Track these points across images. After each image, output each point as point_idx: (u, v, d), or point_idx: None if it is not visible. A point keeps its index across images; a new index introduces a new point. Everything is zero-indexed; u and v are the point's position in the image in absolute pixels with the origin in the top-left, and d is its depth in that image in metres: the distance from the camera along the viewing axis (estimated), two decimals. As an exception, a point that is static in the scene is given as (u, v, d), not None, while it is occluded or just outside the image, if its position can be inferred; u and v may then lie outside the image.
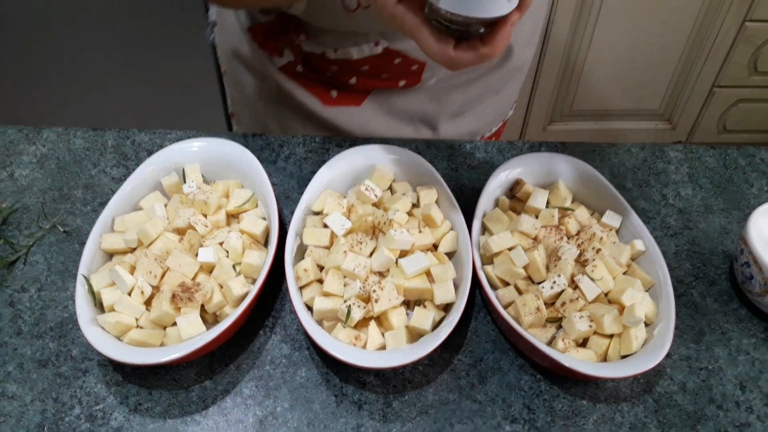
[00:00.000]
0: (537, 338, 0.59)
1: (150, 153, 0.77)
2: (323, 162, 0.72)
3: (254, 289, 0.60)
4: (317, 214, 0.69)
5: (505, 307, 0.62)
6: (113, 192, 0.69)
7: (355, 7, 0.69)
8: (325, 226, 0.66)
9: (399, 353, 0.57)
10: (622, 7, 1.69)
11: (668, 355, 0.63)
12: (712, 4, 1.70)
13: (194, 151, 0.72)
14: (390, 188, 0.72)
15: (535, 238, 0.67)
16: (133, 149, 0.79)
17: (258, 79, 0.85)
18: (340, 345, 0.57)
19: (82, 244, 0.64)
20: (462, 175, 0.79)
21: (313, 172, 0.71)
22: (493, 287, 0.64)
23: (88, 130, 0.81)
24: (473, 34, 0.51)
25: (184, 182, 0.71)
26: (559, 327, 0.61)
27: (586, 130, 2.01)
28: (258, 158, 0.71)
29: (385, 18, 0.52)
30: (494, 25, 0.50)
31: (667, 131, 2.04)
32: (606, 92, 1.90)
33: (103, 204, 0.68)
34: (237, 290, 0.60)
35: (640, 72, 1.86)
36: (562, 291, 0.62)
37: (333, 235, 0.66)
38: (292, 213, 0.68)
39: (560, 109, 1.94)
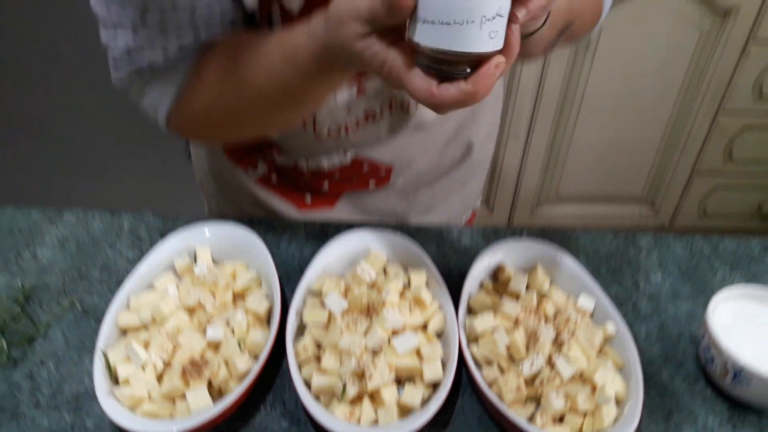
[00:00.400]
0: (518, 414, 0.64)
1: (162, 235, 0.84)
2: (323, 244, 0.79)
3: (257, 366, 0.65)
4: (316, 294, 0.75)
5: (489, 385, 0.67)
6: (128, 272, 0.75)
7: (326, 135, 0.78)
8: (324, 305, 0.72)
9: (390, 429, 0.61)
10: (602, 99, 1.81)
11: (640, 432, 0.68)
12: (687, 97, 1.83)
13: (206, 236, 0.79)
14: (384, 270, 0.79)
15: (516, 320, 0.73)
16: (147, 232, 0.86)
17: (233, 192, 0.93)
18: (336, 421, 0.62)
19: (99, 321, 0.70)
20: (450, 259, 0.86)
21: (314, 253, 0.78)
22: (478, 365, 0.70)
23: (105, 213, 0.89)
24: (458, 75, 0.49)
25: (195, 263, 0.77)
26: (538, 404, 0.66)
27: (572, 214, 2.10)
28: (262, 240, 0.78)
29: (373, 66, 0.50)
30: (479, 66, 0.48)
31: (651, 216, 2.13)
32: (590, 177, 2.00)
33: (119, 283, 0.74)
34: (241, 366, 0.66)
35: (622, 159, 1.97)
36: (541, 370, 0.67)
37: (331, 315, 0.72)
38: (293, 291, 0.74)
39: (547, 193, 2.04)
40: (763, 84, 1.82)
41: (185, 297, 0.72)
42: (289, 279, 0.82)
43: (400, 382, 0.68)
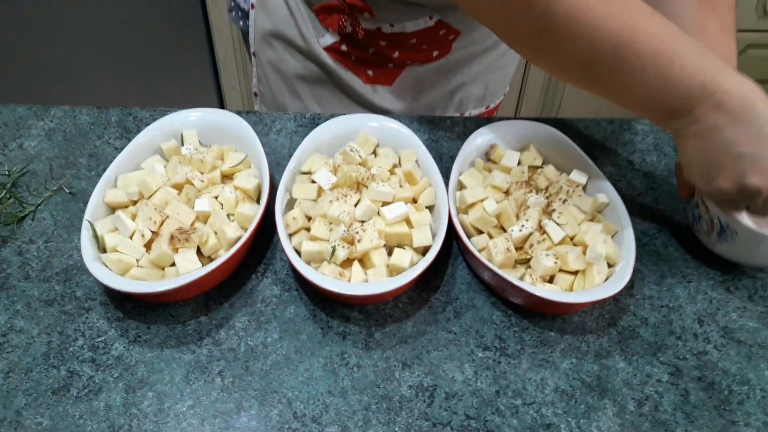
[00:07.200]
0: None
1: (151, 127, 0.82)
2: (312, 131, 0.78)
3: (247, 234, 0.65)
4: (305, 174, 0.74)
5: (479, 251, 0.67)
6: (116, 157, 0.74)
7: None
8: (313, 182, 0.72)
9: (380, 284, 0.61)
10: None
11: (632, 295, 0.67)
12: None
13: (192, 120, 0.78)
14: (374, 152, 0.78)
15: (507, 191, 0.72)
16: (135, 124, 0.85)
17: (300, 59, 0.93)
18: (325, 278, 0.62)
19: (87, 202, 0.69)
20: (442, 145, 0.84)
21: (303, 144, 0.77)
22: (468, 235, 0.69)
23: (93, 108, 0.87)
24: None
25: (182, 146, 0.76)
26: (528, 268, 0.66)
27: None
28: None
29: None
30: None
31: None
32: (592, 99, 1.97)
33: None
34: (231, 234, 0.65)
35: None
36: (530, 234, 0.67)
37: (320, 189, 0.71)
38: (281, 176, 0.73)
39: (547, 116, 2.01)
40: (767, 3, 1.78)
41: (173, 175, 0.71)
42: (278, 165, 0.81)
43: (390, 253, 0.68)
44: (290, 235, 0.67)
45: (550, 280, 0.65)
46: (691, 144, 0.61)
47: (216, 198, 0.70)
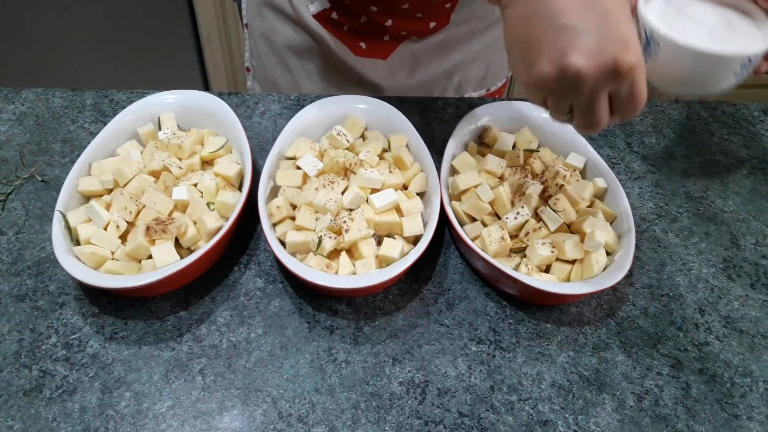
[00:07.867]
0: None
1: (128, 110, 0.78)
2: (297, 114, 0.74)
3: (228, 224, 0.61)
4: (290, 159, 0.71)
5: (472, 239, 0.64)
6: (91, 142, 0.70)
7: None
8: (298, 168, 0.68)
9: (369, 276, 0.58)
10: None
11: (630, 284, 0.65)
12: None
13: (170, 102, 0.74)
14: (362, 136, 0.74)
15: (501, 177, 0.69)
16: (111, 107, 0.81)
17: (290, 29, 0.89)
18: (311, 270, 0.59)
19: (60, 191, 0.66)
20: (434, 127, 0.81)
21: (288, 127, 0.73)
22: (461, 223, 0.66)
23: (67, 91, 0.83)
24: None
25: (160, 130, 0.72)
26: (524, 257, 0.63)
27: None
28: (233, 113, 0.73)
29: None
30: None
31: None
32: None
33: (81, 153, 0.70)
34: (211, 224, 0.62)
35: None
36: (526, 222, 0.64)
37: (305, 176, 0.67)
38: (265, 161, 0.69)
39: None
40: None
41: (149, 161, 0.68)
42: (261, 150, 0.77)
43: (379, 242, 0.65)
44: (274, 225, 0.64)
45: (547, 269, 0.63)
46: (513, 18, 0.49)
47: (195, 186, 0.67)
